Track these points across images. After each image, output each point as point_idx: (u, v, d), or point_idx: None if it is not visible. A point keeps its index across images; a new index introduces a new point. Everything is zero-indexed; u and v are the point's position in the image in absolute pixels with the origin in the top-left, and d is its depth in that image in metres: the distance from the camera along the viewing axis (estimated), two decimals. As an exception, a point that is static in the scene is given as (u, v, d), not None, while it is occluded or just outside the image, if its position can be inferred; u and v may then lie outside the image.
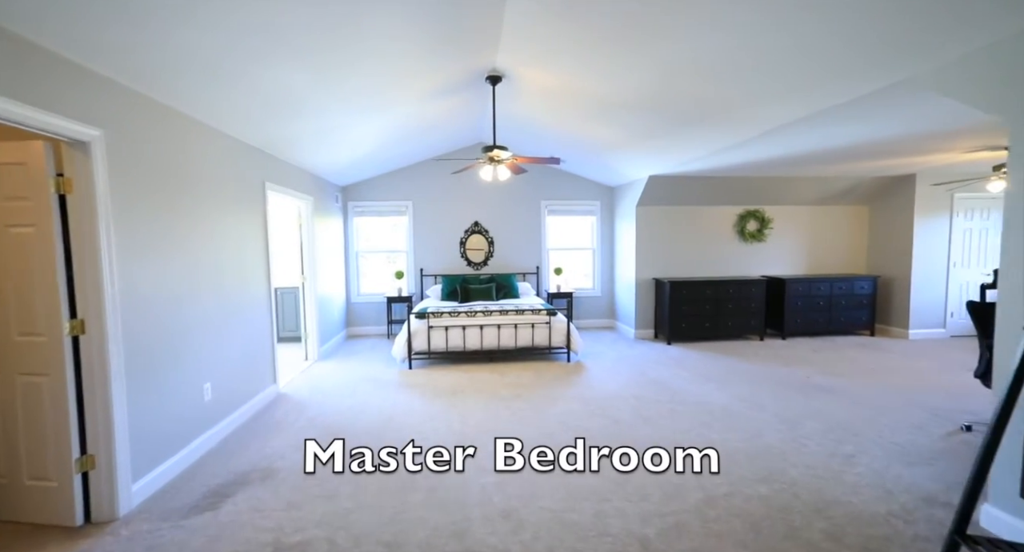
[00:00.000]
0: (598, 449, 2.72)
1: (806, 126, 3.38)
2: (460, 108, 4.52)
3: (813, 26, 2.11)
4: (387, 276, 6.68)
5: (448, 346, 4.82)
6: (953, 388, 3.92)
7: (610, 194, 6.89)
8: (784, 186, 5.91)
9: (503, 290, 6.18)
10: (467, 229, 6.66)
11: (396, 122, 4.40)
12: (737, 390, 3.92)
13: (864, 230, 6.55)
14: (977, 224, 5.98)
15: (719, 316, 5.77)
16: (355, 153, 5.05)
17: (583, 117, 4.14)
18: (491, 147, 3.77)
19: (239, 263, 3.47)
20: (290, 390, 4.11)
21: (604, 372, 4.53)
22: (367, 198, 6.49)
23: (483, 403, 3.67)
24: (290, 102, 3.21)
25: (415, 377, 4.45)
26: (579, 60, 3.04)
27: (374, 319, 6.63)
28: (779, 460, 2.66)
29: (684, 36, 2.45)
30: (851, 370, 4.51)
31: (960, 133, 3.65)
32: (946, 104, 2.81)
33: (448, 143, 5.94)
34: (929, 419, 3.24)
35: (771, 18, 2.12)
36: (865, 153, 4.49)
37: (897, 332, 6.04)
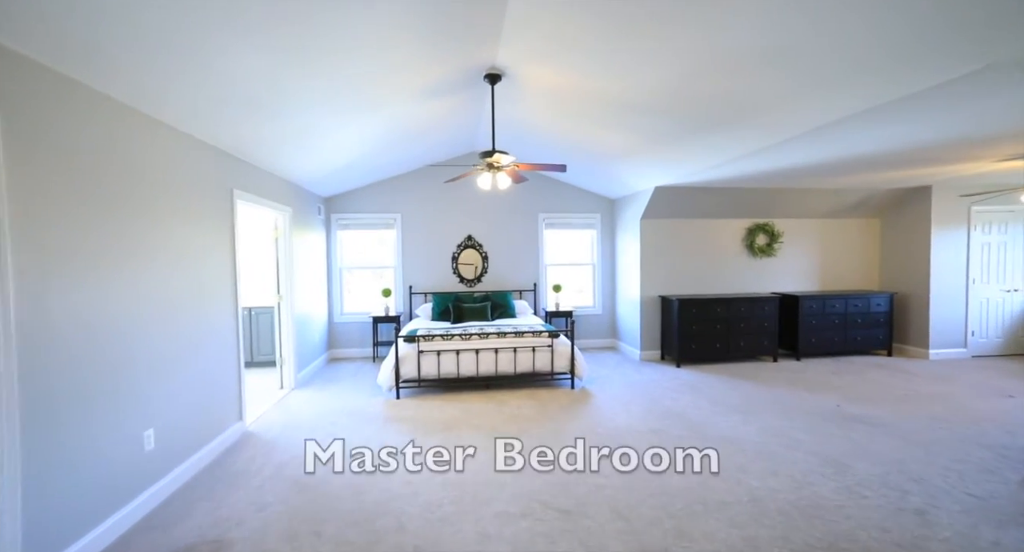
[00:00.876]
0: (629, 506, 2.25)
1: (840, 129, 3.05)
2: (454, 111, 4.14)
3: (869, 11, 1.77)
4: (373, 294, 6.20)
5: (440, 373, 4.34)
6: (1001, 419, 3.56)
7: (610, 206, 6.54)
8: (793, 198, 5.61)
9: (499, 309, 5.74)
10: (460, 244, 6.23)
11: (384, 125, 4.00)
12: (765, 422, 3.50)
13: (876, 244, 6.27)
14: (996, 238, 5.73)
15: (730, 336, 5.38)
16: (339, 160, 4.62)
17: (591, 122, 3.78)
18: (490, 152, 3.38)
19: (199, 282, 2.99)
20: (259, 427, 3.58)
21: (614, 401, 4.08)
22: (352, 210, 6.04)
23: (481, 443, 3.19)
24: (262, 97, 2.78)
25: (403, 409, 3.95)
26: (591, 56, 2.67)
27: (359, 340, 6.11)
28: (839, 518, 2.23)
29: (712, 26, 2.11)
30: (880, 396, 4.13)
31: (1002, 138, 3.36)
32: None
33: (440, 151, 5.55)
34: (994, 460, 2.85)
35: (817, 2, 1.78)
36: (884, 163, 4.20)
37: (916, 352, 5.70)
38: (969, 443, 3.11)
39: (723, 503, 2.35)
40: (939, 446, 3.05)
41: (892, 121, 2.91)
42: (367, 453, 3.02)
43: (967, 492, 2.46)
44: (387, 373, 4.28)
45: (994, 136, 3.30)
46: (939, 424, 3.43)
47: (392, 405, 4.06)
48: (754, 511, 2.28)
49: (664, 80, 2.77)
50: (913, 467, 2.75)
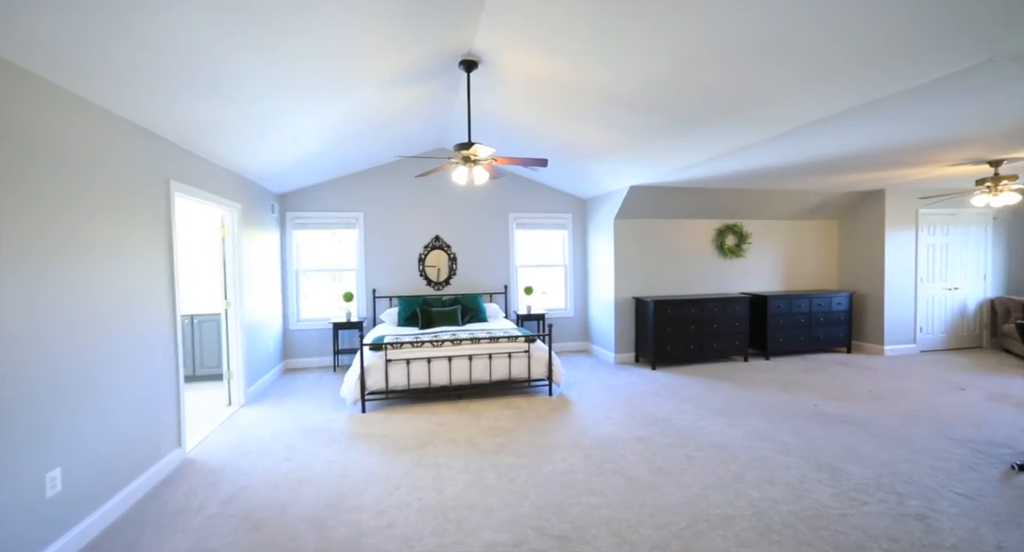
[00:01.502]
0: (630, 527, 2.06)
1: (828, 126, 3.01)
2: (424, 101, 3.85)
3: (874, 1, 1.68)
4: (334, 298, 5.76)
5: (410, 382, 4.02)
6: (961, 413, 3.67)
7: (582, 206, 6.42)
8: (760, 200, 5.70)
9: (469, 313, 5.46)
10: (427, 245, 5.91)
11: (347, 115, 3.65)
12: (750, 425, 3.44)
13: (835, 245, 6.50)
14: (939, 239, 6.07)
15: (704, 337, 5.38)
16: (296, 152, 4.20)
17: (573, 117, 3.59)
18: (466, 144, 3.12)
19: (127, 288, 2.55)
20: (203, 453, 3.13)
21: (595, 408, 3.91)
22: (310, 208, 5.58)
23: (461, 460, 2.92)
24: (207, 74, 2.39)
25: (370, 424, 3.60)
26: (580, 42, 2.47)
27: (317, 349, 5.65)
28: (845, 528, 2.13)
29: (714, 11, 1.96)
30: (851, 394, 4.20)
31: (962, 142, 3.47)
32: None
33: (407, 146, 5.21)
34: (970, 456, 2.89)
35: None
36: (846, 166, 4.29)
37: (872, 348, 5.94)
38: (942, 439, 3.16)
39: (727, 518, 2.21)
40: (918, 444, 3.07)
41: (883, 118, 2.86)
42: (332, 479, 2.68)
43: (956, 492, 2.46)
44: (351, 385, 3.91)
45: (959, 139, 3.40)
46: (911, 421, 3.49)
47: (358, 420, 3.70)
48: (760, 526, 2.15)
49: (657, 71, 2.62)
50: (901, 468, 2.73)
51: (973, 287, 6.23)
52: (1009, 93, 2.47)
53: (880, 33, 1.95)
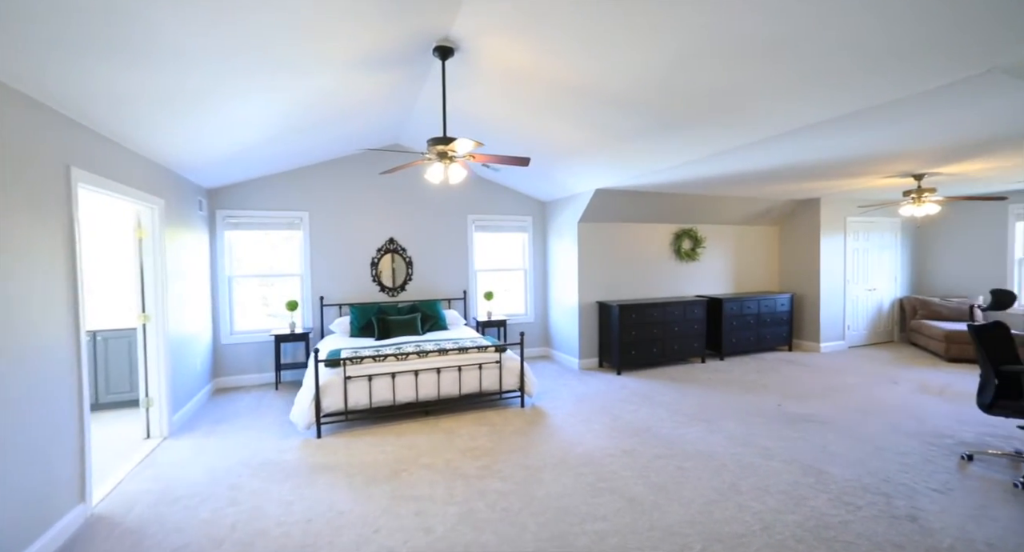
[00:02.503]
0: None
1: (807, 133, 3.06)
2: (386, 92, 3.48)
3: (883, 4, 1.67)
4: (275, 308, 5.14)
5: (372, 401, 3.62)
6: (902, 406, 3.97)
7: (542, 209, 6.30)
8: (714, 205, 5.91)
9: (429, 321, 5.12)
10: (380, 248, 5.47)
11: (299, 102, 3.20)
12: (727, 430, 3.46)
13: (776, 249, 6.92)
14: (862, 244, 6.66)
15: (667, 340, 5.45)
16: (235, 141, 3.64)
17: (552, 114, 3.41)
18: (441, 139, 2.84)
19: (7, 300, 1.98)
20: (116, 505, 2.55)
21: (572, 419, 3.76)
22: (246, 205, 4.93)
23: (444, 489, 2.62)
24: (119, 30, 1.91)
25: (330, 452, 3.18)
26: (571, 33, 2.29)
27: (255, 364, 5.01)
28: (851, 536, 2.13)
29: (718, 7, 1.87)
30: (806, 392, 4.41)
31: (905, 156, 3.74)
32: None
33: (361, 139, 4.77)
34: (925, 449, 3.09)
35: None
36: (799, 175, 4.52)
37: (809, 346, 6.37)
38: (897, 433, 3.37)
39: (738, 537, 2.13)
40: (878, 440, 3.24)
41: (855, 129, 2.94)
42: (293, 527, 2.27)
43: (930, 488, 2.58)
44: (304, 407, 3.44)
45: (900, 154, 3.66)
46: (864, 417, 3.71)
47: (314, 448, 3.25)
48: (772, 543, 2.09)
49: (651, 69, 2.51)
50: (874, 466, 2.84)
51: (887, 288, 6.91)
52: (953, 114, 2.65)
53: (873, 44, 1.96)
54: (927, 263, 7.08)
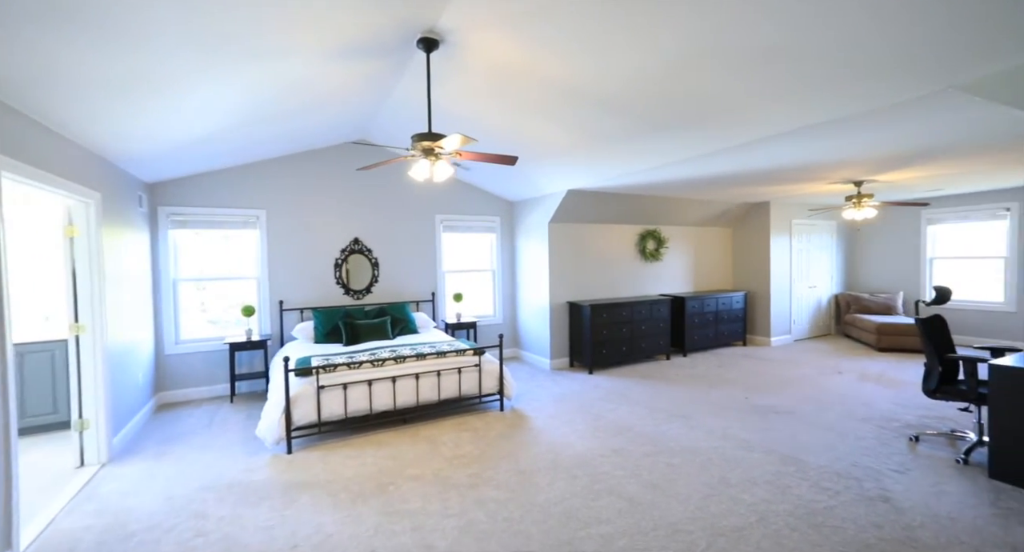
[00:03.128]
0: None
1: (787, 139, 3.19)
2: (360, 84, 3.29)
3: (867, 21, 1.79)
4: (229, 313, 4.73)
5: (348, 410, 3.41)
6: (850, 393, 4.31)
7: (510, 209, 6.26)
8: (676, 207, 6.14)
9: (399, 324, 4.93)
10: (345, 248, 5.19)
11: (263, 90, 2.95)
12: (705, 424, 3.58)
13: (729, 250, 7.32)
14: (804, 245, 7.19)
15: (635, 338, 5.59)
16: (187, 131, 3.30)
17: (537, 113, 3.37)
18: (427, 135, 2.72)
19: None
20: (52, 548, 2.21)
21: (555, 421, 3.75)
22: (193, 202, 4.50)
23: (438, 502, 2.51)
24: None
25: (306, 468, 2.95)
26: (568, 29, 2.27)
27: (205, 376, 4.58)
28: (837, 521, 2.27)
29: (719, 11, 1.92)
30: (767, 384, 4.68)
31: (852, 163, 4.06)
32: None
33: (326, 134, 4.50)
34: (879, 433, 3.36)
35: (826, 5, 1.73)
36: (757, 179, 4.79)
37: (761, 340, 6.79)
38: (851, 420, 3.64)
39: (738, 530, 2.20)
40: (838, 427, 3.49)
41: (826, 136, 3.13)
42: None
43: (891, 469, 2.80)
44: (273, 420, 3.18)
45: (848, 162, 3.97)
46: (822, 406, 3.98)
47: (286, 464, 3.01)
48: (770, 532, 2.17)
49: (645, 70, 2.53)
50: (841, 452, 3.05)
51: (825, 285, 7.51)
52: (906, 126, 2.90)
53: (846, 60, 2.10)
54: (857, 262, 7.78)
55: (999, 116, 2.68)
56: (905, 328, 6.08)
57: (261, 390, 4.73)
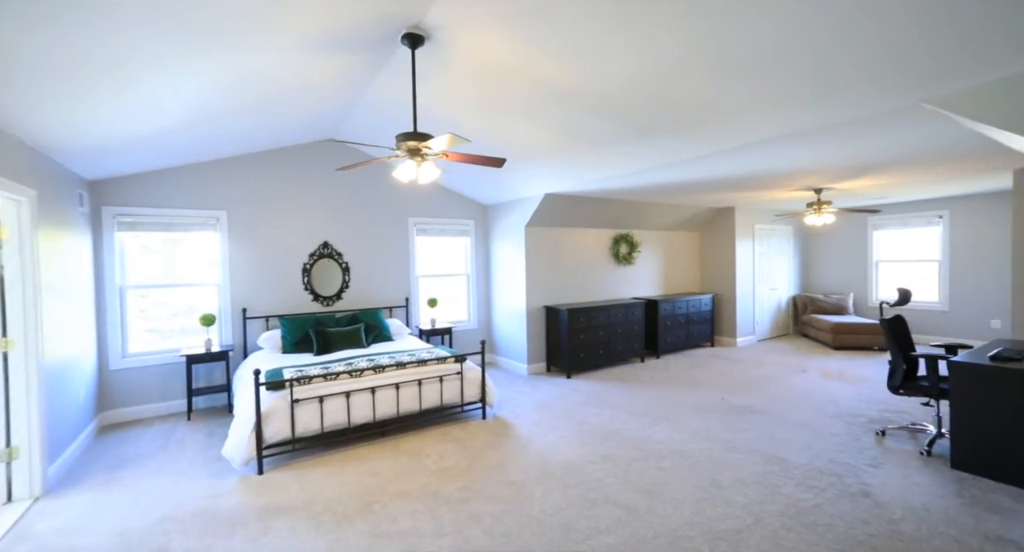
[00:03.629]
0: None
1: (777, 145, 3.22)
2: (336, 80, 3.13)
3: (866, 28, 1.87)
4: (186, 323, 4.37)
5: (325, 424, 3.21)
6: (817, 391, 4.52)
7: (484, 213, 6.18)
8: (648, 212, 6.26)
9: (373, 331, 4.73)
10: (313, 252, 4.93)
11: (231, 79, 2.74)
12: (688, 426, 3.63)
13: (696, 254, 7.54)
14: (765, 249, 7.52)
15: (611, 342, 5.63)
16: (140, 124, 3.02)
17: (525, 116, 3.30)
18: (413, 135, 2.61)
19: None
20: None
21: (539, 428, 3.69)
22: (143, 202, 4.13)
23: (430, 519, 2.38)
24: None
25: (280, 489, 2.73)
26: (565, 30, 2.23)
27: (159, 392, 4.20)
28: (827, 518, 2.33)
29: (727, 11, 1.93)
30: (740, 384, 4.82)
31: (814, 172, 4.26)
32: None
33: (292, 132, 4.26)
34: (848, 429, 3.52)
35: (826, 11, 1.79)
36: (727, 185, 4.96)
37: (727, 341, 7.03)
38: (822, 417, 3.80)
39: (737, 533, 2.21)
40: (811, 424, 3.63)
41: (804, 145, 3.23)
42: (261, 588, 1.88)
43: (866, 464, 2.93)
44: (242, 438, 2.93)
45: (812, 170, 4.16)
46: (793, 404, 4.14)
47: (258, 486, 2.78)
48: (768, 533, 2.20)
49: (645, 71, 2.51)
50: (818, 449, 3.16)
51: (784, 287, 7.89)
52: (872, 138, 3.07)
53: (852, 65, 2.17)
54: (811, 266, 8.23)
55: (956, 130, 2.88)
56: (857, 327, 6.46)
57: (222, 405, 4.40)
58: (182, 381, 4.23)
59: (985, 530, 2.20)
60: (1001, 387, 2.72)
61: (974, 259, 6.48)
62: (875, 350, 6.43)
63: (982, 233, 6.39)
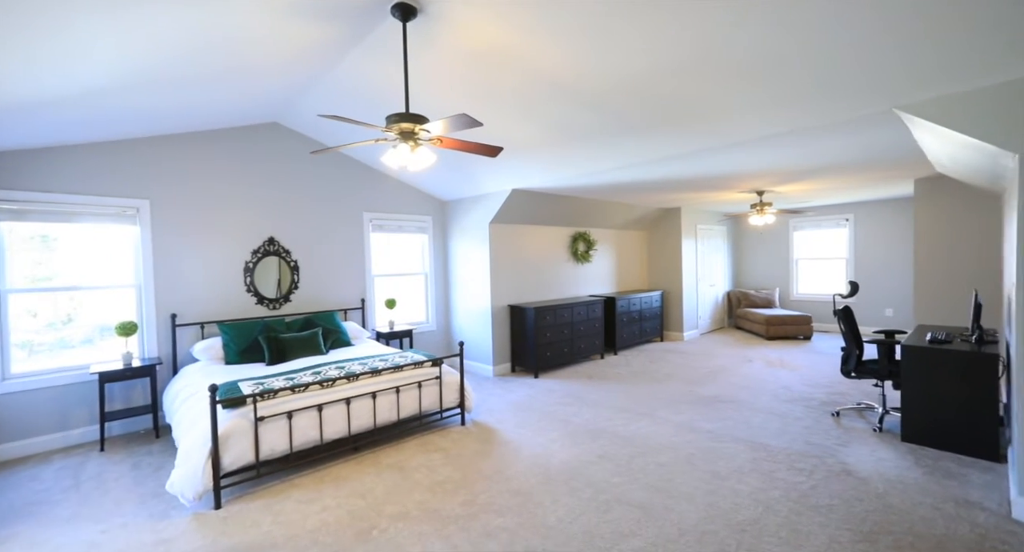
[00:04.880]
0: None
1: (760, 145, 3.35)
2: (306, 51, 2.76)
3: (868, 29, 1.99)
4: (97, 333, 3.63)
5: (295, 444, 2.80)
6: (769, 379, 4.85)
7: (442, 209, 5.91)
8: (603, 210, 6.38)
9: (331, 336, 4.29)
10: (257, 249, 4.36)
11: (173, 41, 2.30)
12: (669, 419, 3.70)
13: (644, 252, 7.84)
14: (704, 247, 8.02)
15: (575, 340, 5.64)
16: (53, 77, 2.43)
17: (508, 105, 3.13)
18: (406, 116, 2.37)
19: None
20: None
21: (524, 431, 3.55)
22: (32, 184, 3.37)
23: (442, 543, 2.14)
24: None
25: (248, 524, 2.32)
26: (572, 15, 2.14)
27: (56, 420, 3.44)
28: (827, 499, 2.44)
29: (715, 21, 1.98)
30: (700, 377, 5.04)
31: (760, 175, 4.57)
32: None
33: (233, 110, 3.72)
34: (807, 413, 3.79)
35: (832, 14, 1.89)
36: (680, 186, 5.18)
37: (675, 336, 7.39)
38: (781, 402, 4.07)
39: (754, 522, 2.24)
40: (775, 409, 3.86)
41: (780, 146, 3.40)
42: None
43: (836, 443, 3.16)
44: (194, 468, 2.45)
45: (760, 173, 4.46)
46: (753, 392, 4.39)
47: (219, 523, 2.33)
48: (782, 521, 2.25)
49: (636, 70, 2.49)
50: (792, 432, 3.36)
51: (720, 283, 8.47)
52: (829, 142, 3.33)
53: (833, 71, 2.30)
54: (741, 263, 8.93)
55: (902, 139, 3.20)
56: (787, 318, 7.10)
57: (144, 429, 3.72)
58: (87, 404, 3.51)
59: (953, 496, 2.44)
60: (941, 367, 3.06)
61: (873, 257, 7.41)
62: (801, 339, 7.10)
63: (880, 234, 7.33)
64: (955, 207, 4.71)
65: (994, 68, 2.15)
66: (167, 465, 3.03)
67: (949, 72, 2.21)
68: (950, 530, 2.14)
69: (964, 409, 2.97)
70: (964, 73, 2.21)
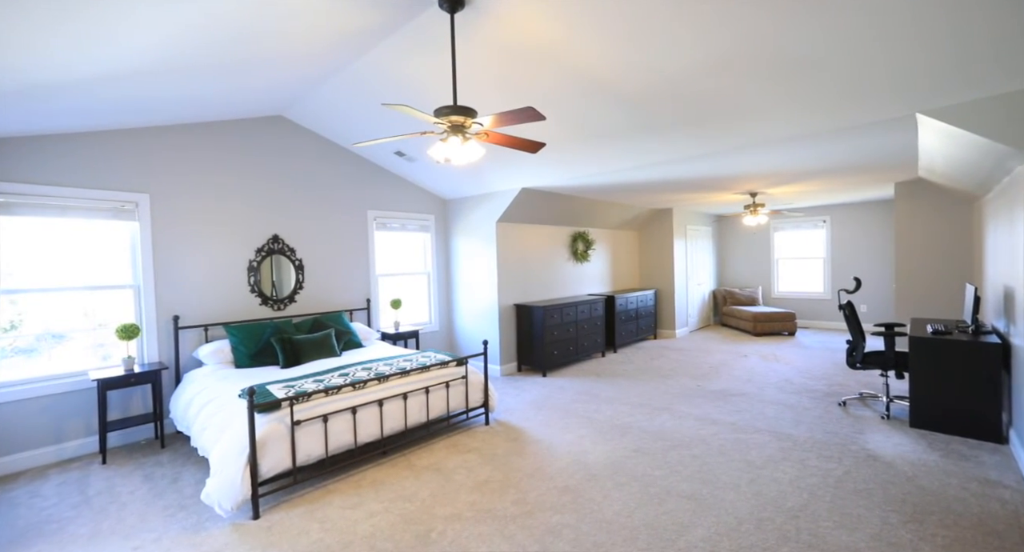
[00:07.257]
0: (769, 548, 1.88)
1: (784, 145, 3.44)
2: (343, 40, 2.68)
3: (901, 31, 2.11)
4: (93, 337, 3.38)
5: (330, 448, 2.69)
6: (768, 372, 5.04)
7: (443, 207, 5.83)
8: (601, 210, 6.46)
9: (342, 338, 4.15)
10: (261, 248, 4.17)
11: (218, 21, 2.18)
12: (688, 413, 3.78)
13: (637, 252, 8.00)
14: (692, 247, 8.26)
15: (579, 338, 5.68)
16: (73, 56, 2.25)
17: (540, 103, 3.12)
18: (456, 109, 2.34)
19: None
20: None
21: (551, 429, 3.54)
22: (22, 176, 3.10)
23: (508, 544, 2.10)
24: None
25: (295, 533, 2.21)
26: (619, 10, 2.17)
27: (51, 432, 3.18)
28: (864, 484, 2.55)
29: (757, 22, 2.05)
30: (704, 372, 5.18)
31: (756, 177, 4.75)
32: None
33: (244, 100, 3.56)
34: (814, 403, 3.95)
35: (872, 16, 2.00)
36: (680, 187, 5.32)
37: (668, 333, 7.56)
38: (787, 394, 4.23)
39: (803, 508, 2.32)
40: (784, 401, 4.01)
41: (796, 148, 3.55)
42: None
43: (853, 431, 3.31)
44: (232, 477, 2.31)
45: (758, 174, 4.64)
46: (758, 386, 4.55)
47: (265, 534, 2.21)
48: (829, 507, 2.34)
49: (676, 69, 2.54)
50: (810, 422, 3.50)
51: (706, 282, 8.74)
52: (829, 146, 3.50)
53: (868, 74, 2.42)
54: (726, 262, 9.24)
55: (900, 141, 3.39)
56: (773, 315, 7.39)
57: (145, 439, 3.48)
58: (83, 414, 3.25)
59: (974, 476, 2.61)
60: (947, 356, 3.26)
61: (849, 256, 7.82)
62: (786, 335, 7.42)
63: (855, 235, 7.75)
64: (932, 208, 5.04)
65: (1017, 74, 2.32)
66: (184, 475, 2.85)
67: (971, 78, 2.36)
68: (983, 508, 2.28)
69: (968, 395, 3.18)
70: (986, 79, 2.37)
